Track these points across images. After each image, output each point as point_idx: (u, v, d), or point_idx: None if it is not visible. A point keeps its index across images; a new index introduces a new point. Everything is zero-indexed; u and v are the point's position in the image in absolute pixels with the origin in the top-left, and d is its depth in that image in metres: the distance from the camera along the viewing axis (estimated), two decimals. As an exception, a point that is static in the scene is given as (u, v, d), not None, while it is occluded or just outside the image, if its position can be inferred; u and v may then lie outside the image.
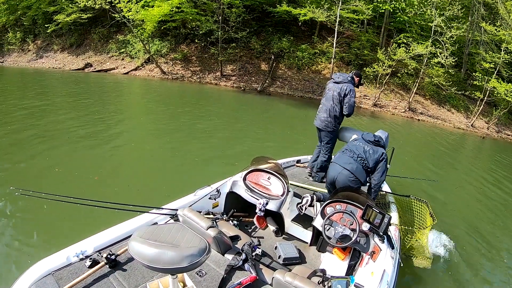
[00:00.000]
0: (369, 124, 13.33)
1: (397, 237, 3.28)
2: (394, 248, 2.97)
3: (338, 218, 3.20)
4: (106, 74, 20.40)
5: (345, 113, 4.74)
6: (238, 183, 3.81)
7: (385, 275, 2.54)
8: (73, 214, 4.19)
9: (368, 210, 3.04)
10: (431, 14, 15.89)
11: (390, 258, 2.79)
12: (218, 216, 3.53)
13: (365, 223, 3.07)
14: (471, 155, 12.11)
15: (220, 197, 3.74)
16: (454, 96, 18.08)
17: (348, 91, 4.64)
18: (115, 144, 7.53)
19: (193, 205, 3.33)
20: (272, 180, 3.78)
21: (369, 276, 2.56)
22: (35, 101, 11.41)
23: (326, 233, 3.12)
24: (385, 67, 16.26)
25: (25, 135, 7.49)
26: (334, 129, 4.86)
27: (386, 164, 3.73)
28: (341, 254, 3.24)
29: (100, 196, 3.25)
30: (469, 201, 7.08)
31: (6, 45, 27.05)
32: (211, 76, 19.11)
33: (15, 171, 5.65)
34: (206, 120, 10.63)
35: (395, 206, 3.83)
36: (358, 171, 3.64)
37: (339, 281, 2.50)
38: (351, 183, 3.60)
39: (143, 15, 17.57)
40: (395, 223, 3.43)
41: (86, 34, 24.44)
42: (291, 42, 19.38)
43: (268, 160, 4.09)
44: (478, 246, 5.16)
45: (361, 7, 16.29)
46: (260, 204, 3.51)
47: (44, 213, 4.33)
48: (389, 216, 2.96)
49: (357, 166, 3.65)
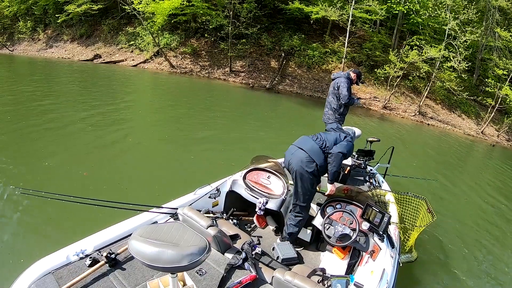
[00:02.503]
0: (377, 127, 13.16)
1: (397, 236, 3.28)
2: (394, 247, 2.98)
3: (338, 217, 3.23)
4: (115, 66, 20.42)
5: (341, 102, 5.17)
6: (238, 182, 3.82)
7: (385, 274, 2.54)
8: (73, 213, 4.17)
9: (368, 209, 3.06)
10: (446, 17, 15.63)
11: (389, 257, 2.78)
12: (218, 215, 3.52)
13: (365, 222, 3.08)
14: (480, 163, 11.86)
15: (220, 196, 3.75)
16: (465, 102, 17.82)
17: (340, 84, 5.09)
18: (115, 139, 7.37)
19: (193, 204, 3.32)
20: (272, 179, 3.81)
21: (369, 275, 2.56)
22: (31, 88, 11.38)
23: (326, 232, 3.15)
24: (397, 69, 16.03)
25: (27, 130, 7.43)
26: (334, 121, 5.25)
27: (350, 143, 3.32)
28: (341, 253, 3.26)
29: (100, 195, 3.19)
30: (473, 208, 6.98)
31: (16, 34, 27.24)
32: (220, 71, 19.04)
33: (13, 168, 5.52)
34: (211, 117, 10.51)
35: (394, 205, 3.82)
36: (314, 151, 3.19)
37: (339, 280, 2.51)
38: (305, 165, 3.15)
39: (154, 7, 17.57)
40: (394, 222, 3.43)
41: (96, 25, 24.49)
42: (302, 40, 19.22)
43: (268, 159, 4.08)
44: (479, 246, 5.18)
45: (374, 7, 16.09)
46: (260, 203, 3.54)
47: (43, 212, 4.30)
48: (388, 215, 2.96)
49: (313, 145, 3.23)
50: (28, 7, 25.81)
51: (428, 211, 3.56)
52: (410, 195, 3.86)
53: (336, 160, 3.16)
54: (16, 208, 4.32)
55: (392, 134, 12.18)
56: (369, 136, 5.42)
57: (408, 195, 3.87)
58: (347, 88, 5.06)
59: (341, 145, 3.22)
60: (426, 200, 3.66)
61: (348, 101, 5.09)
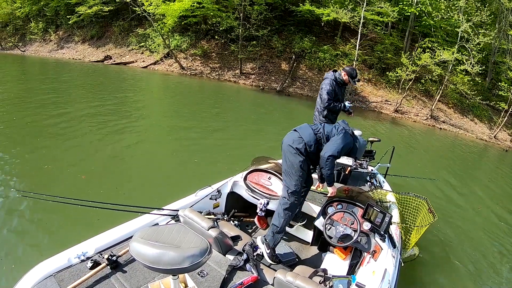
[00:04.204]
0: (389, 131, 13.03)
1: (398, 236, 3.27)
2: (395, 247, 2.98)
3: (339, 218, 3.21)
4: (125, 67, 20.54)
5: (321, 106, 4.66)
6: (238, 183, 3.84)
7: (387, 274, 2.54)
8: (73, 216, 4.17)
9: (369, 209, 3.06)
10: (459, 19, 15.44)
11: (391, 257, 2.78)
12: (219, 217, 3.54)
13: (366, 222, 3.07)
14: (491, 167, 11.63)
15: (221, 197, 3.76)
16: (478, 106, 17.58)
17: (322, 85, 4.57)
18: (118, 141, 7.37)
19: (194, 205, 3.34)
20: (273, 180, 3.82)
21: (371, 275, 2.56)
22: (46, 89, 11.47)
23: (327, 233, 3.13)
24: (409, 72, 15.86)
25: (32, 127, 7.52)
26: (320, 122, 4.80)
27: (344, 139, 3.04)
28: (342, 254, 3.26)
29: (101, 197, 3.18)
30: (480, 210, 6.89)
31: (28, 34, 27.54)
32: (230, 73, 19.03)
33: (12, 170, 5.53)
34: (219, 119, 10.48)
35: (395, 205, 3.80)
36: (306, 132, 3.10)
37: (341, 281, 2.50)
38: (292, 142, 3.05)
39: (164, 9, 17.64)
40: (396, 222, 3.41)
41: (107, 27, 24.66)
42: (313, 42, 19.12)
43: (269, 160, 4.10)
44: (480, 247, 5.18)
45: (386, 9, 15.95)
46: (261, 204, 3.55)
47: (44, 215, 4.30)
48: (390, 215, 2.96)
49: (306, 128, 3.15)
50: (39, 8, 26.11)
51: (429, 211, 3.54)
52: (411, 195, 3.84)
53: (327, 164, 2.99)
54: (16, 211, 4.31)
55: (403, 139, 12.06)
56: (370, 136, 5.37)
57: (409, 195, 3.85)
58: (328, 91, 4.47)
59: (333, 145, 2.99)
60: (427, 200, 3.64)
61: (327, 105, 4.51)
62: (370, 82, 18.02)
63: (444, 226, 5.43)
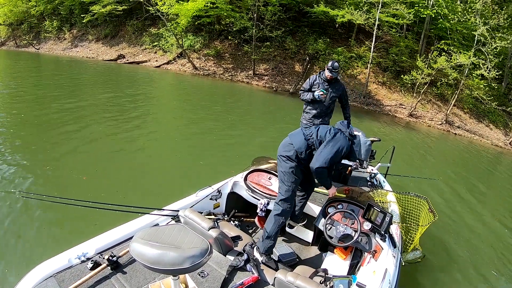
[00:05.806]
0: (403, 136, 12.87)
1: (399, 236, 3.28)
2: (395, 247, 2.99)
3: (340, 218, 3.23)
4: (138, 66, 20.68)
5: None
6: (239, 184, 3.86)
7: (387, 274, 2.55)
8: (74, 216, 4.19)
9: (370, 209, 3.08)
10: (475, 22, 15.19)
11: (392, 257, 2.80)
12: (219, 217, 3.54)
13: (367, 222, 3.08)
14: (505, 174, 11.40)
15: (221, 197, 3.77)
16: (494, 111, 17.28)
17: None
18: (122, 142, 7.39)
19: (194, 206, 3.36)
20: (273, 180, 3.81)
21: (371, 275, 2.57)
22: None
23: (327, 233, 3.13)
24: (424, 75, 15.65)
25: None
26: (302, 121, 4.70)
27: (335, 145, 2.91)
28: (343, 254, 3.27)
29: (101, 197, 3.19)
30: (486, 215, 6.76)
31: (42, 33, 27.91)
32: (243, 74, 19.01)
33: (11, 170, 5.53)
34: (230, 120, 10.45)
35: (396, 205, 3.81)
36: (296, 138, 3.04)
37: (341, 281, 2.51)
38: (283, 148, 3.04)
39: (177, 9, 17.69)
40: (396, 221, 3.42)
41: (121, 26, 24.86)
42: (327, 44, 18.98)
43: (269, 160, 4.12)
44: (484, 248, 5.16)
45: (401, 11, 15.76)
46: (261, 204, 3.57)
47: (44, 215, 4.31)
48: (390, 215, 2.97)
49: (298, 133, 3.11)
50: (54, 7, 26.43)
51: (429, 211, 3.55)
52: (412, 195, 3.84)
53: (318, 175, 2.92)
54: (16, 212, 4.33)
55: (417, 143, 11.94)
56: (370, 136, 5.31)
57: (410, 195, 3.86)
58: (304, 85, 4.47)
59: (321, 155, 2.86)
60: (427, 200, 3.64)
61: (300, 96, 4.54)
62: (385, 85, 17.83)
63: (447, 227, 5.42)
